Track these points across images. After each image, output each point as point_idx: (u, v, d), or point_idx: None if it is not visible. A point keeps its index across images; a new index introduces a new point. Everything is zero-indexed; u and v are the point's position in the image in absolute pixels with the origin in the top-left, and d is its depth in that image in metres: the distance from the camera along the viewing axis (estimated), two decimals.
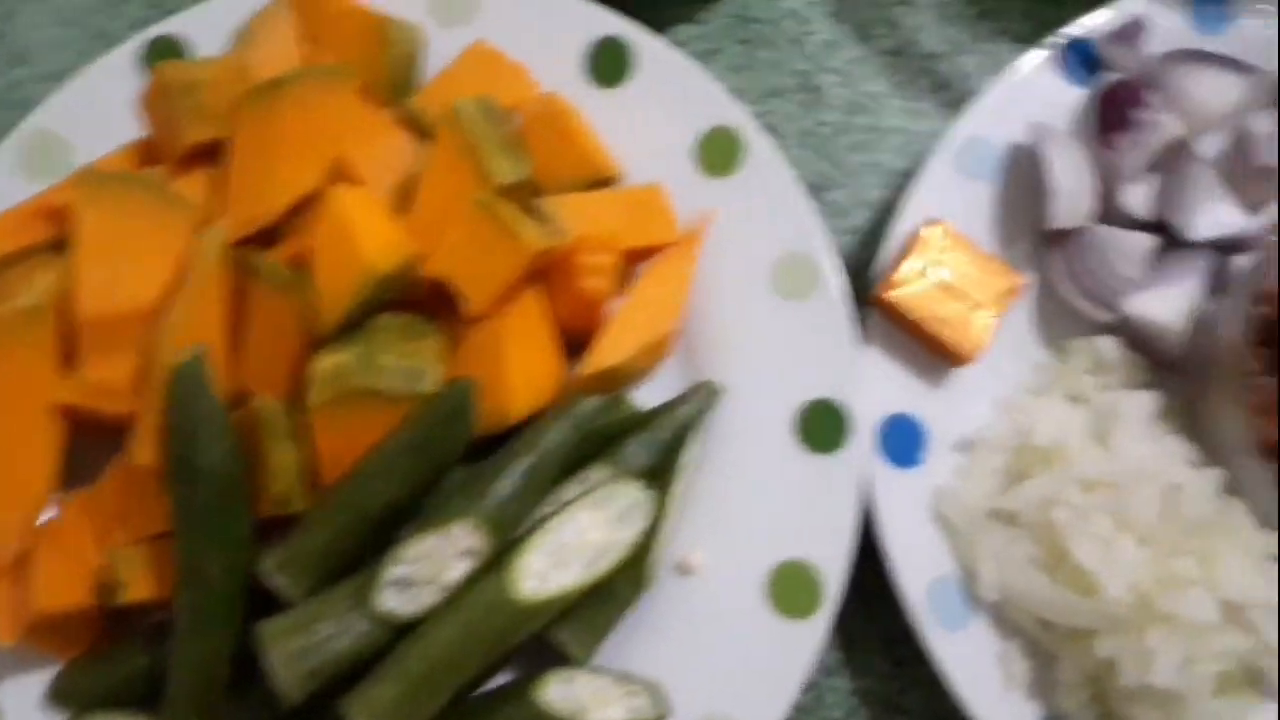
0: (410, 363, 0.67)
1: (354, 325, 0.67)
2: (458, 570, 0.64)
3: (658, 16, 0.84)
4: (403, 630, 0.64)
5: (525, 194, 0.71)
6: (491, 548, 0.64)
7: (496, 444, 0.68)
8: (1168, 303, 0.72)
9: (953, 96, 0.81)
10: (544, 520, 0.65)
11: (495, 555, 0.64)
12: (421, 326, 0.69)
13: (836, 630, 0.76)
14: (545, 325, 0.71)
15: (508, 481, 0.65)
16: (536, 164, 0.73)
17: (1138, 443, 0.68)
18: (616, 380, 0.71)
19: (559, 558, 0.65)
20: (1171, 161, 0.75)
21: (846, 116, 0.84)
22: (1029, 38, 0.81)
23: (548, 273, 0.71)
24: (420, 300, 0.70)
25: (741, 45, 0.85)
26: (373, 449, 0.65)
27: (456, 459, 0.66)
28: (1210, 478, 0.68)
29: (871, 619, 0.75)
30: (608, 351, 0.70)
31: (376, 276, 0.65)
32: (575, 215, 0.72)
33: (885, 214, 0.80)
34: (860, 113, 0.84)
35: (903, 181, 0.81)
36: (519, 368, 0.68)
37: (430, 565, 0.64)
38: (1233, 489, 0.68)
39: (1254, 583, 0.65)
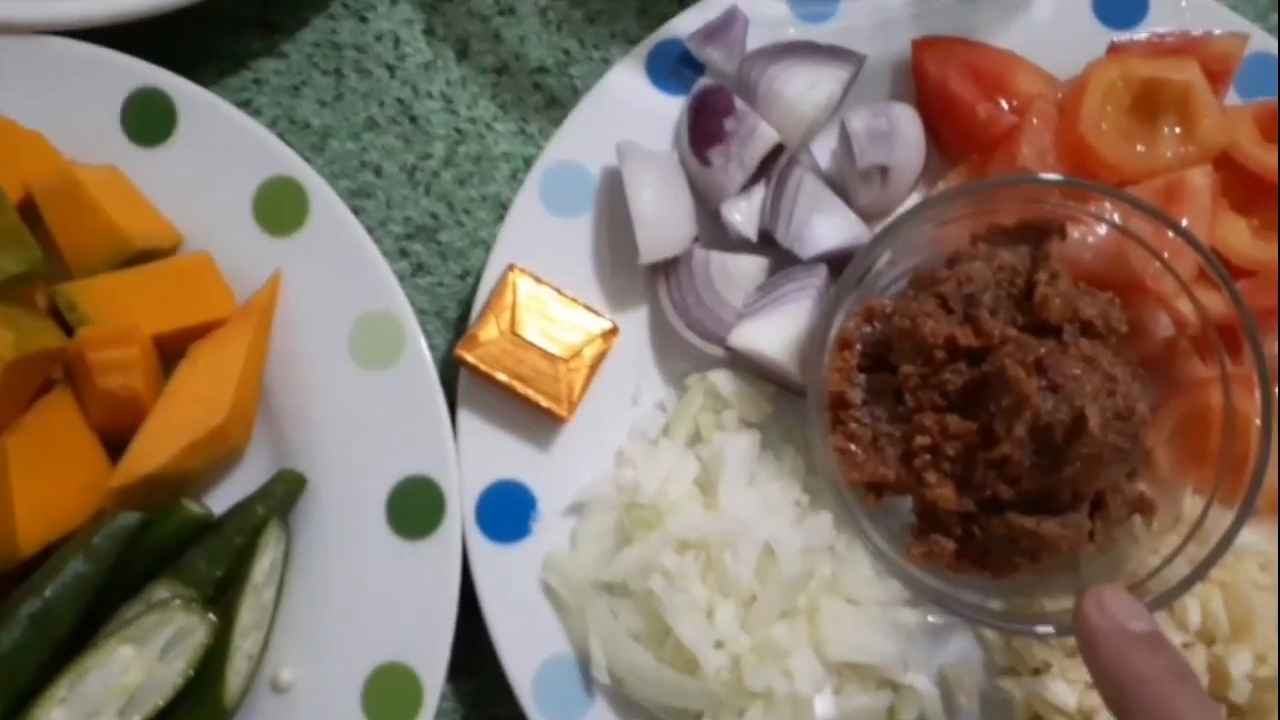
0: None
1: None
2: None
3: (232, 50, 0.75)
4: None
5: (34, 286, 0.62)
6: None
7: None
8: (774, 330, 0.65)
9: (564, 114, 0.73)
10: (72, 664, 0.57)
11: (7, 715, 0.56)
12: None
13: None
14: (75, 436, 0.62)
15: (9, 633, 0.57)
16: (62, 243, 0.65)
17: (739, 491, 0.62)
18: (169, 486, 0.63)
19: (87, 708, 0.57)
20: (775, 172, 0.69)
21: (452, 146, 0.76)
22: (645, 39, 0.74)
23: (72, 375, 0.62)
24: None
25: (330, 76, 0.76)
26: None
27: None
28: (817, 525, 0.62)
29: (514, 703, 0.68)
30: (141, 458, 0.61)
31: None
32: (105, 300, 0.63)
33: None
34: (466, 141, 0.76)
35: None
36: (30, 493, 0.59)
37: None
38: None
39: (863, 640, 0.59)
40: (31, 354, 0.59)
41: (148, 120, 0.68)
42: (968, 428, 0.58)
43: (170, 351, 0.65)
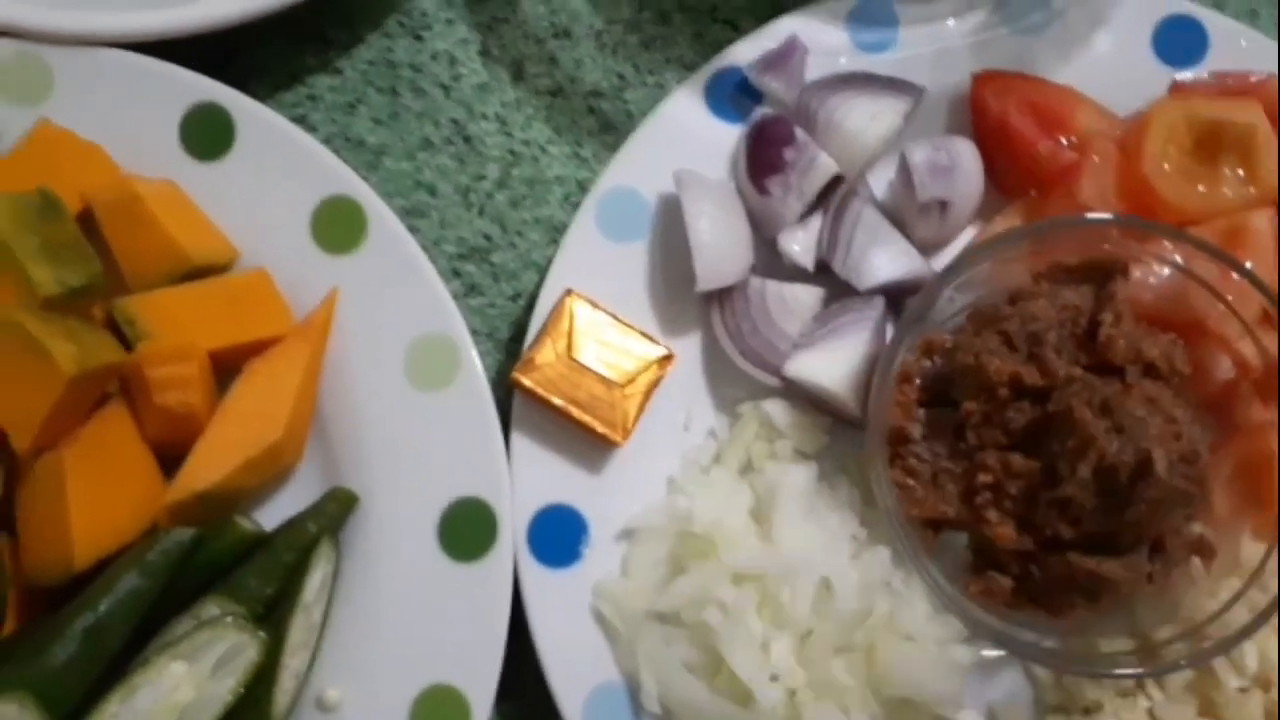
0: None
1: None
2: None
3: (287, 66, 0.76)
4: None
5: (93, 299, 0.62)
6: None
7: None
8: (831, 361, 0.65)
9: (618, 139, 0.74)
10: (124, 680, 0.57)
11: None
12: None
13: None
14: (130, 450, 0.62)
15: (63, 647, 0.57)
16: (120, 256, 0.65)
17: (796, 524, 0.62)
18: (222, 502, 0.63)
19: None
20: (833, 202, 0.69)
21: (506, 168, 0.76)
22: (701, 65, 0.74)
23: (128, 389, 0.62)
24: None
25: (386, 94, 0.76)
26: None
27: None
28: (876, 559, 0.62)
29: None
30: (196, 475, 0.61)
31: None
32: (162, 316, 0.63)
33: None
34: (521, 163, 0.76)
35: None
36: (85, 506, 0.59)
37: None
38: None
39: (920, 677, 0.59)
40: (93, 369, 0.59)
41: (206, 135, 0.68)
42: (1031, 467, 0.58)
43: (226, 367, 0.65)
